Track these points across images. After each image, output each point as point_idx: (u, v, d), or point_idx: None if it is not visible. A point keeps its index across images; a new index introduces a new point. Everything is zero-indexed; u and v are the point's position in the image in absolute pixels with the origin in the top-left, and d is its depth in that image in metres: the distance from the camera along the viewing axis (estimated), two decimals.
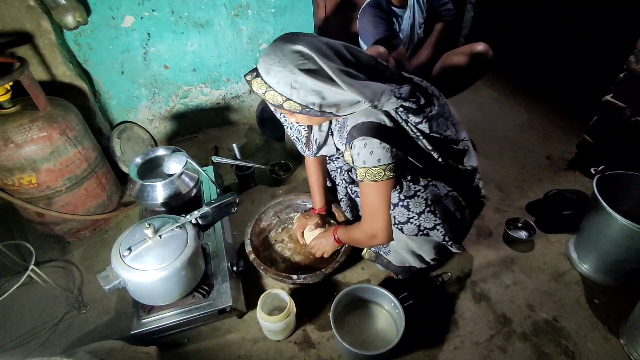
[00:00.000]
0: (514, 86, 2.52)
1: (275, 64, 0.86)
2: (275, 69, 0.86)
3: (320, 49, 0.87)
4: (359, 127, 0.95)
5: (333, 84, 0.86)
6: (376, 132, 0.93)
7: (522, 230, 1.55)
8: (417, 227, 1.01)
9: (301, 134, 1.27)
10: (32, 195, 1.39)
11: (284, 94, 0.88)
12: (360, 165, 0.97)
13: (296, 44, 0.87)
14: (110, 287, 1.00)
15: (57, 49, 1.57)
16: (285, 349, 1.22)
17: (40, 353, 1.23)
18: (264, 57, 0.89)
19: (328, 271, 1.28)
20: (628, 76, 1.47)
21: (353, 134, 0.96)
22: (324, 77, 0.86)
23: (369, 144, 0.93)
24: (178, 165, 1.39)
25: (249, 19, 1.94)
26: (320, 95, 0.88)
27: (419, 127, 0.97)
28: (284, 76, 0.86)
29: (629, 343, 1.16)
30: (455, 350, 1.20)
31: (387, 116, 0.95)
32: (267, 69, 0.88)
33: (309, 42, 0.88)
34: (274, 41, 0.90)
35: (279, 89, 0.88)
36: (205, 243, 1.32)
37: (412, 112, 0.95)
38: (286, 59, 0.86)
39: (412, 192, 0.99)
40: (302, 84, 0.86)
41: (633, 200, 1.34)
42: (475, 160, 1.14)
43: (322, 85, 0.86)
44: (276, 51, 0.87)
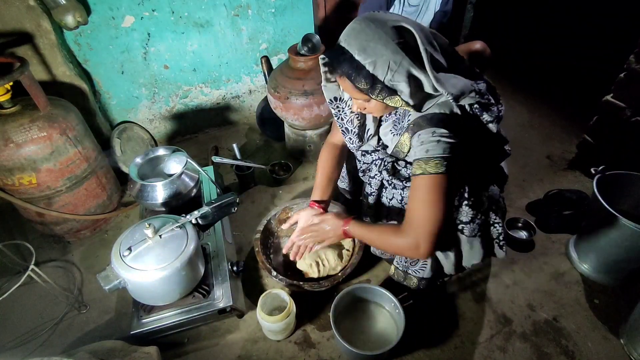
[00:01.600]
0: (515, 86, 2.52)
1: (373, 41, 0.78)
2: (374, 47, 0.78)
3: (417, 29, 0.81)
4: (430, 118, 0.89)
5: (424, 73, 0.80)
6: (446, 123, 0.88)
7: (522, 230, 1.55)
8: (479, 225, 1.02)
9: (353, 124, 1.15)
10: (32, 195, 1.39)
11: (377, 75, 0.80)
12: (421, 155, 0.89)
13: (397, 20, 0.80)
14: (110, 287, 1.00)
15: (57, 49, 1.57)
16: (285, 349, 1.22)
17: (40, 353, 1.23)
18: (355, 34, 0.81)
19: (340, 279, 1.26)
20: (628, 76, 1.47)
21: (420, 124, 0.90)
22: (419, 63, 0.80)
23: (437, 133, 0.87)
24: (178, 165, 1.39)
25: (249, 19, 1.94)
26: (412, 83, 0.82)
27: (488, 127, 0.95)
28: (383, 54, 0.78)
29: (629, 343, 1.16)
30: (455, 350, 1.20)
31: (460, 109, 0.91)
32: (362, 46, 0.79)
33: (407, 20, 0.82)
34: (362, 18, 0.82)
35: (373, 69, 0.80)
36: (205, 243, 1.32)
37: (486, 108, 0.92)
38: (387, 35, 0.78)
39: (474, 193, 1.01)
40: (401, 65, 0.79)
41: (633, 200, 1.34)
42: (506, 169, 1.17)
43: (417, 71, 0.80)
44: (373, 28, 0.79)
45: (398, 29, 0.80)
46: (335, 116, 1.17)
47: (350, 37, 0.82)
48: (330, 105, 1.14)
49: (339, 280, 1.27)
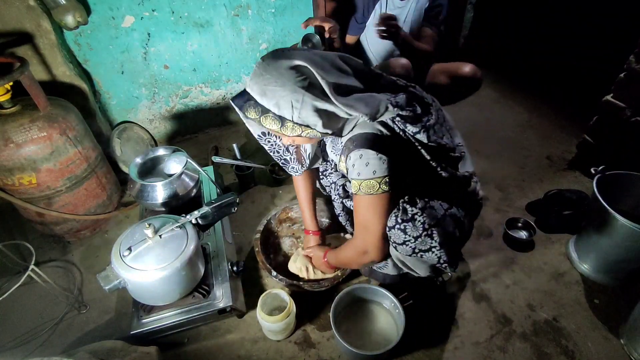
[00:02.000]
0: (514, 86, 2.52)
1: (271, 84, 0.80)
2: (272, 89, 0.80)
3: (317, 62, 0.83)
4: (355, 139, 0.92)
5: (331, 102, 0.82)
6: (373, 144, 0.90)
7: (522, 230, 1.55)
8: (412, 249, 0.99)
9: (290, 152, 1.20)
10: (32, 195, 1.39)
11: (284, 116, 0.82)
12: (355, 177, 0.94)
13: (292, 59, 0.82)
14: (110, 287, 1.00)
15: (57, 49, 1.57)
16: (285, 349, 1.22)
17: (40, 353, 1.23)
18: (255, 79, 0.83)
19: (340, 279, 1.27)
20: (628, 76, 1.47)
21: (349, 146, 0.93)
22: (323, 95, 0.82)
23: (365, 156, 0.90)
24: (178, 165, 1.39)
25: (249, 19, 1.94)
26: (323, 114, 0.84)
27: (416, 137, 0.95)
28: (284, 96, 0.80)
29: (629, 343, 1.16)
30: (455, 350, 1.20)
31: (384, 126, 0.93)
32: (262, 91, 0.82)
33: (304, 56, 0.83)
34: (264, 60, 0.84)
35: (277, 110, 0.82)
36: (205, 243, 1.32)
37: (410, 121, 0.92)
38: (284, 77, 0.80)
39: (409, 215, 0.96)
40: (304, 102, 0.81)
41: (633, 200, 1.34)
42: (471, 165, 1.12)
43: (323, 104, 0.82)
44: (269, 70, 0.81)
45: (295, 68, 0.82)
46: (269, 151, 1.19)
47: (252, 82, 0.84)
48: (260, 141, 1.14)
49: (339, 280, 1.27)
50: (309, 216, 1.37)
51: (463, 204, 1.07)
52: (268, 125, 0.85)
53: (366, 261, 1.06)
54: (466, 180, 1.09)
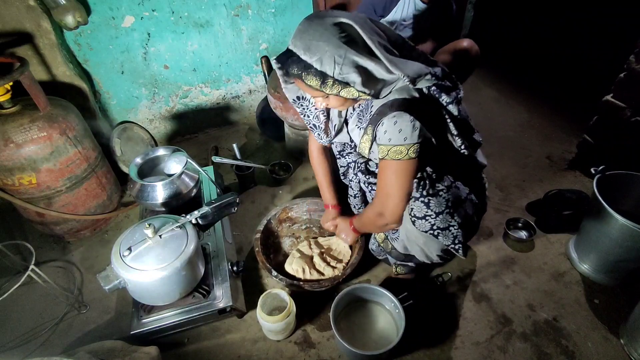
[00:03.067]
0: (514, 86, 2.52)
1: (315, 39, 0.81)
2: (317, 44, 0.81)
3: (360, 23, 0.84)
4: (390, 104, 0.92)
5: (375, 59, 0.83)
6: (408, 108, 0.90)
7: (522, 230, 1.55)
8: (431, 225, 1.00)
9: (319, 120, 1.20)
10: (32, 195, 1.39)
11: (325, 71, 0.83)
12: (384, 142, 0.94)
13: (337, 16, 0.83)
14: (110, 287, 1.00)
15: (57, 49, 1.56)
16: (285, 349, 1.22)
17: (40, 353, 1.23)
18: (300, 35, 0.84)
19: (340, 279, 1.27)
20: (628, 76, 1.47)
21: (384, 111, 0.93)
22: (366, 53, 0.83)
23: (400, 121, 0.90)
24: (178, 165, 1.39)
25: (249, 19, 1.94)
26: (362, 72, 0.84)
27: (448, 109, 0.96)
28: (328, 50, 0.81)
29: (629, 343, 1.16)
30: (455, 350, 1.20)
31: (419, 93, 0.94)
32: (306, 46, 0.83)
33: (348, 15, 0.84)
34: (306, 19, 0.86)
35: (320, 66, 0.83)
36: (205, 243, 1.32)
37: (445, 90, 0.94)
38: (328, 32, 0.81)
39: (435, 190, 0.98)
40: (346, 58, 0.81)
41: (633, 200, 1.34)
42: (483, 158, 1.14)
43: (365, 61, 0.82)
44: (314, 26, 0.83)
45: (338, 25, 0.83)
46: (301, 114, 1.22)
47: (295, 38, 0.86)
48: (294, 105, 1.18)
49: (339, 280, 1.27)
50: (328, 190, 1.39)
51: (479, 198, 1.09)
52: (309, 82, 0.86)
53: (381, 223, 1.07)
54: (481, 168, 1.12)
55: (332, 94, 0.88)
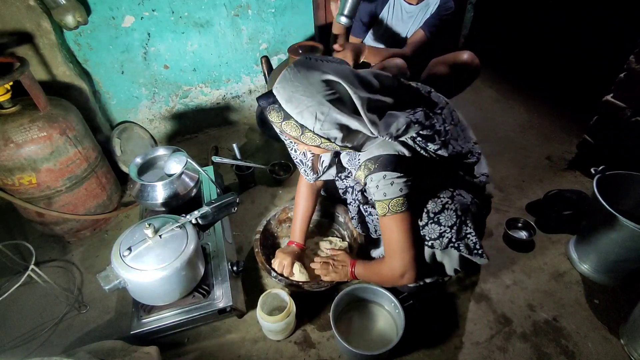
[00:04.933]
0: (514, 86, 2.52)
1: (299, 92, 0.81)
2: (299, 98, 0.81)
3: (348, 77, 0.83)
4: (376, 160, 0.93)
5: (358, 118, 0.83)
6: (395, 164, 0.92)
7: (522, 231, 1.55)
8: (449, 239, 1.00)
9: (306, 157, 1.22)
10: (32, 195, 1.39)
11: (305, 125, 0.83)
12: (380, 198, 0.95)
13: (324, 72, 0.82)
14: (110, 287, 1.00)
15: (57, 49, 1.57)
16: (285, 349, 1.22)
17: (40, 353, 1.23)
18: (284, 84, 0.83)
19: None
20: (628, 76, 1.47)
21: (369, 167, 0.94)
22: (349, 110, 0.83)
23: (389, 176, 0.92)
24: (178, 165, 1.39)
25: (249, 19, 1.94)
26: (344, 129, 0.84)
27: (438, 153, 0.96)
28: (310, 106, 0.80)
29: (629, 343, 1.16)
30: (455, 350, 1.20)
31: (404, 146, 0.94)
32: (289, 96, 0.82)
33: (336, 69, 0.84)
34: (295, 66, 0.84)
35: (300, 119, 0.82)
36: (205, 243, 1.32)
37: (430, 139, 0.94)
38: (313, 88, 0.80)
39: (440, 206, 0.98)
40: (328, 115, 0.81)
41: (633, 200, 1.34)
42: (486, 167, 1.14)
43: (347, 119, 0.82)
44: (299, 78, 0.81)
45: (326, 82, 0.82)
46: (288, 147, 1.21)
47: (280, 85, 0.84)
48: (281, 136, 1.16)
49: None
50: (300, 229, 1.36)
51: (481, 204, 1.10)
52: (288, 131, 0.86)
53: (403, 283, 1.06)
54: (483, 185, 1.12)
55: (312, 145, 0.88)
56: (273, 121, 0.86)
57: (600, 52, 2.27)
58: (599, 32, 2.30)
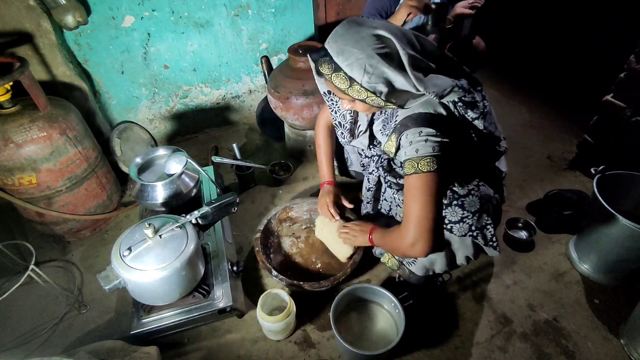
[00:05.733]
0: (515, 86, 2.52)
1: (350, 45, 0.83)
2: (350, 50, 0.83)
3: (397, 35, 0.85)
4: (415, 117, 0.93)
5: (404, 74, 0.84)
6: (432, 123, 0.92)
7: (523, 230, 1.55)
8: (469, 226, 1.00)
9: (345, 119, 1.22)
10: (32, 195, 1.39)
11: (354, 77, 0.85)
12: (412, 155, 0.92)
13: (376, 27, 0.85)
14: (110, 287, 1.00)
15: (57, 49, 1.56)
16: (285, 349, 1.22)
17: (40, 353, 1.23)
18: (336, 38, 0.86)
19: (340, 279, 1.27)
20: (628, 76, 1.47)
21: (407, 124, 0.94)
22: (397, 66, 0.84)
23: (425, 132, 0.91)
24: (178, 165, 1.39)
25: (249, 19, 1.94)
26: (390, 84, 0.86)
27: (474, 123, 0.97)
28: (359, 58, 0.83)
29: (629, 343, 1.16)
30: (455, 350, 1.20)
31: (444, 109, 0.94)
32: (340, 49, 0.85)
33: (387, 27, 0.86)
34: (347, 22, 0.87)
35: (350, 71, 0.85)
36: (205, 243, 1.32)
37: (470, 106, 0.94)
38: (364, 41, 0.83)
39: (465, 190, 0.99)
40: (377, 69, 0.83)
41: (633, 200, 1.34)
42: (505, 166, 1.15)
43: (395, 74, 0.84)
44: (352, 33, 0.84)
45: (377, 37, 0.85)
46: (329, 108, 1.24)
47: (332, 39, 0.88)
48: (325, 98, 1.21)
49: (339, 280, 1.27)
50: (327, 167, 1.41)
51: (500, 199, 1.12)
52: (337, 83, 0.88)
53: (412, 254, 1.01)
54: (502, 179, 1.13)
55: (358, 99, 0.90)
56: (323, 72, 0.89)
57: (601, 52, 2.27)
58: (599, 32, 2.30)
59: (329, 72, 0.88)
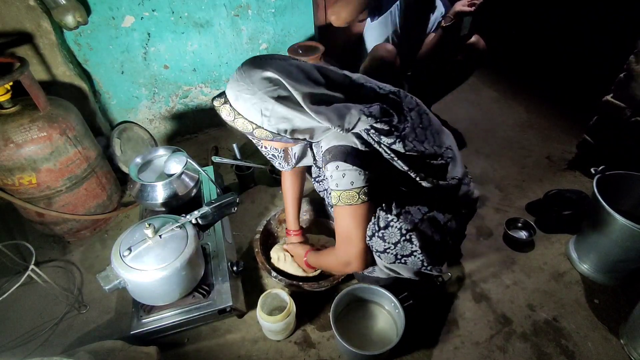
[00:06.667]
0: (514, 86, 2.52)
1: (243, 91, 0.84)
2: (244, 97, 0.84)
3: (291, 73, 0.85)
4: (331, 151, 0.94)
5: (303, 111, 0.85)
6: (347, 156, 0.92)
7: (522, 230, 1.55)
8: (394, 256, 0.99)
9: (277, 150, 1.23)
10: (32, 195, 1.39)
11: (254, 122, 0.86)
12: (334, 188, 0.95)
13: (265, 69, 0.84)
14: (110, 287, 1.00)
15: (57, 49, 1.56)
16: (285, 349, 1.22)
17: (40, 353, 1.23)
18: (231, 84, 0.87)
19: (340, 279, 1.28)
20: (628, 76, 1.47)
21: (326, 157, 0.95)
22: (294, 104, 0.85)
23: (341, 167, 0.92)
24: (178, 165, 1.39)
25: (249, 19, 1.94)
26: (291, 123, 0.86)
27: (392, 148, 0.94)
28: (254, 104, 0.84)
29: (629, 343, 1.16)
30: (455, 350, 1.20)
31: (358, 139, 0.94)
32: (235, 96, 0.85)
33: (279, 66, 0.86)
34: (242, 66, 0.88)
35: (248, 116, 0.86)
36: (205, 243, 1.32)
37: (384, 133, 0.93)
38: (255, 86, 0.84)
39: (385, 222, 0.96)
40: (273, 111, 0.84)
41: (633, 200, 1.34)
42: (461, 169, 1.11)
43: (293, 113, 0.85)
44: (244, 78, 0.85)
45: (268, 79, 0.84)
46: (257, 145, 1.22)
47: (229, 85, 0.88)
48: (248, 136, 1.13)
49: (338, 280, 1.27)
50: (292, 216, 1.38)
51: (450, 208, 1.05)
52: (240, 128, 0.89)
53: (349, 272, 1.08)
54: (453, 187, 1.07)
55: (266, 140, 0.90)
56: (225, 119, 0.89)
57: (601, 51, 2.27)
58: (599, 32, 2.30)
59: (230, 118, 0.88)
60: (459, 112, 2.26)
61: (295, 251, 1.33)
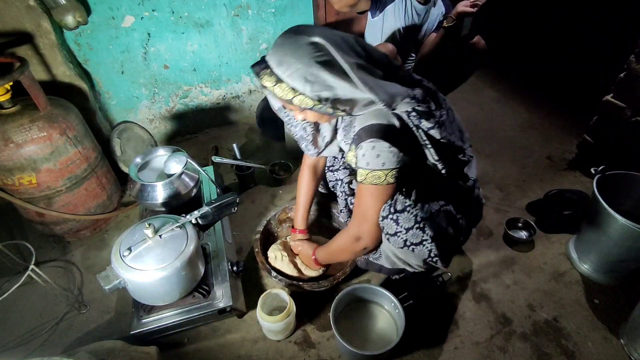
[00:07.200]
0: (514, 86, 2.52)
1: (288, 56, 0.82)
2: (289, 61, 0.82)
3: (337, 42, 0.83)
4: (367, 129, 0.92)
5: (348, 80, 0.83)
6: (386, 135, 0.90)
7: (523, 230, 1.55)
8: (404, 241, 0.99)
9: (307, 131, 1.19)
10: (32, 195, 1.39)
11: (296, 88, 0.83)
12: (363, 166, 0.94)
13: (312, 35, 0.83)
14: (110, 287, 1.00)
15: (57, 49, 1.56)
16: (285, 349, 1.22)
17: (40, 353, 1.23)
18: (275, 48, 0.84)
19: (339, 279, 1.27)
20: (628, 76, 1.47)
21: (362, 136, 0.93)
22: (339, 72, 0.83)
23: (378, 147, 0.90)
24: (178, 165, 1.39)
25: (249, 19, 1.94)
26: (334, 91, 0.84)
27: (429, 133, 0.94)
28: (298, 68, 0.81)
29: (629, 343, 1.16)
30: (455, 350, 1.20)
31: (398, 119, 0.92)
32: (279, 60, 0.83)
33: (324, 34, 0.84)
34: (285, 32, 0.86)
35: (291, 82, 0.83)
36: (205, 243, 1.32)
37: (425, 116, 0.92)
38: (301, 50, 0.81)
39: (402, 206, 0.97)
40: (317, 77, 0.82)
41: (633, 200, 1.34)
42: (475, 171, 1.12)
43: (337, 81, 0.82)
44: (290, 42, 0.83)
45: (314, 44, 0.83)
46: (286, 124, 1.19)
47: (272, 50, 0.86)
48: (279, 114, 1.14)
49: (338, 280, 1.27)
50: (301, 214, 1.37)
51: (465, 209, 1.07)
52: (280, 95, 0.85)
53: (359, 248, 1.06)
54: (469, 189, 1.09)
55: (306, 108, 0.87)
56: (266, 85, 0.86)
57: (601, 51, 2.28)
58: (599, 32, 2.30)
59: (272, 84, 0.85)
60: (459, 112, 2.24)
61: (302, 249, 1.32)
